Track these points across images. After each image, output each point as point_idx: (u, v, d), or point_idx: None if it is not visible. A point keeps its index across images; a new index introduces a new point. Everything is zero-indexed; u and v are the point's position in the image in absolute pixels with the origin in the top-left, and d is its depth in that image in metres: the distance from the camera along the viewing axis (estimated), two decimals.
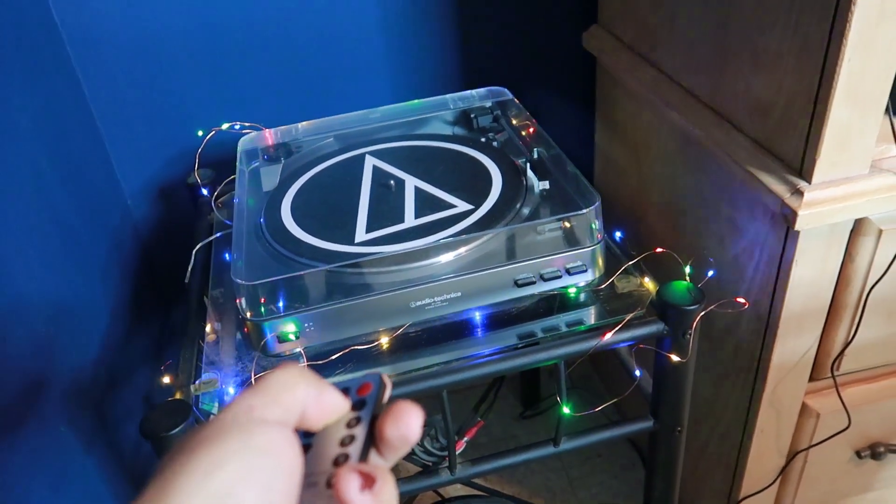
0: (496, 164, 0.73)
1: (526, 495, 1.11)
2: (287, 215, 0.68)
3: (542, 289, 0.62)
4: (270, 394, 0.29)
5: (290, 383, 0.29)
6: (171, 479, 0.25)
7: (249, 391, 0.29)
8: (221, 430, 0.27)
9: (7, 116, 0.67)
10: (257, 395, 0.29)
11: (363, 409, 0.30)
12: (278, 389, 0.29)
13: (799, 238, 0.62)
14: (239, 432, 0.27)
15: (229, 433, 0.27)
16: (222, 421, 0.27)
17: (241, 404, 0.28)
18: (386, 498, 0.27)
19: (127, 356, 0.88)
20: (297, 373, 0.30)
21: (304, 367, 0.30)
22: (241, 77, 0.93)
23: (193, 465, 0.25)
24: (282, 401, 0.29)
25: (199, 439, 0.26)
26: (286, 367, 0.30)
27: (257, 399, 0.28)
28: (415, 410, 0.29)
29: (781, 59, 0.60)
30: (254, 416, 0.28)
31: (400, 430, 0.29)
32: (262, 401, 0.28)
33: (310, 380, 0.30)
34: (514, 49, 1.01)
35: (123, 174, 0.97)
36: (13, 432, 0.60)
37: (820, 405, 0.75)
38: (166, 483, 0.25)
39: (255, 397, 0.28)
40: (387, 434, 0.29)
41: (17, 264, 0.64)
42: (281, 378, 0.29)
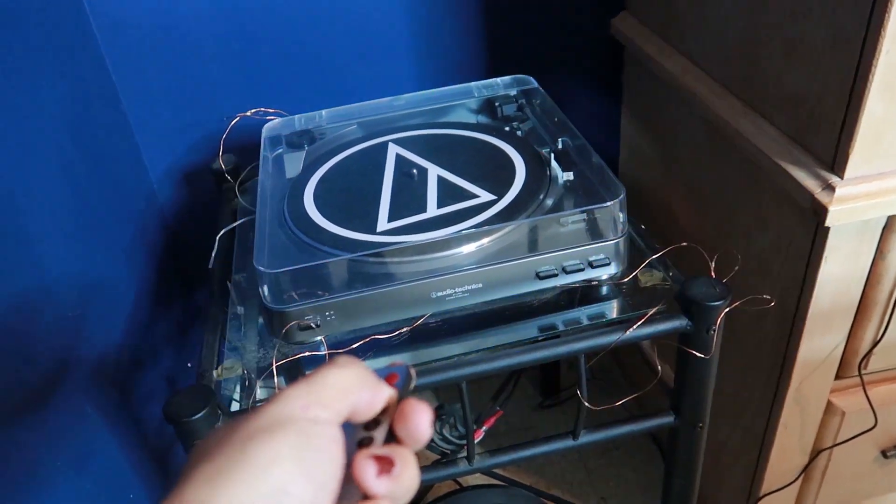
0: (520, 154, 0.72)
1: (543, 485, 1.11)
2: (310, 203, 0.68)
3: (564, 281, 0.61)
4: (327, 395, 0.28)
5: (347, 388, 0.29)
6: (225, 468, 0.25)
7: (305, 387, 0.28)
8: (277, 424, 0.27)
9: (36, 100, 0.68)
10: (313, 394, 0.28)
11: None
12: (336, 395, 0.28)
13: (829, 234, 0.60)
14: (296, 429, 0.26)
15: (286, 429, 0.26)
16: (277, 415, 0.27)
17: (297, 401, 0.28)
18: (405, 481, 0.27)
19: (151, 338, 0.89)
20: (356, 375, 0.29)
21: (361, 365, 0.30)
22: (266, 63, 0.93)
23: (250, 457, 0.25)
24: (337, 406, 0.28)
25: (251, 431, 0.26)
26: (344, 366, 0.29)
27: (313, 399, 0.28)
28: (423, 410, 0.29)
29: (815, 50, 0.58)
30: (308, 415, 0.27)
31: (409, 430, 0.29)
32: (317, 401, 0.28)
33: (366, 382, 0.29)
34: (540, 36, 0.99)
35: (150, 158, 0.97)
36: (39, 412, 0.61)
37: (846, 403, 0.74)
38: (220, 472, 0.25)
39: (310, 397, 0.28)
40: (397, 433, 0.29)
41: (44, 247, 0.65)
42: (340, 380, 0.29)
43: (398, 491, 0.27)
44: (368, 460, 0.27)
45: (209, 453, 0.26)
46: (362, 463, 0.27)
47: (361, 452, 0.28)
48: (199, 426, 0.53)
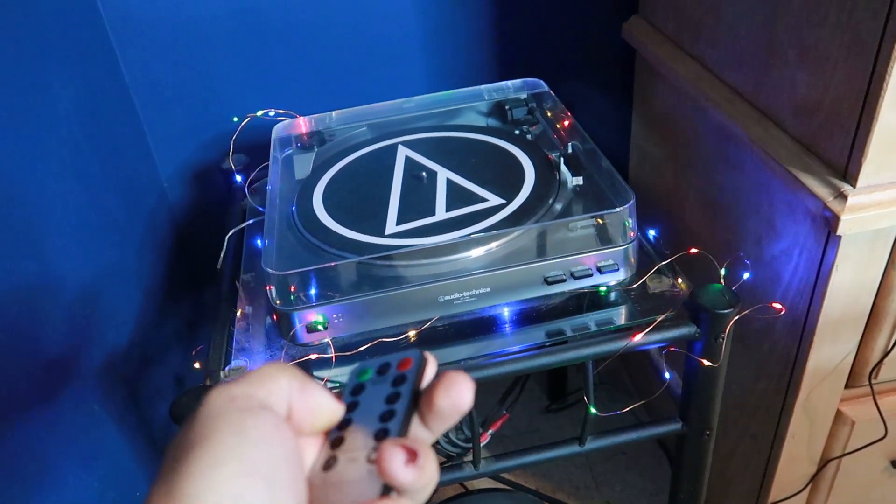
0: (529, 158, 0.72)
1: (549, 490, 1.11)
2: (319, 205, 0.68)
3: (573, 287, 0.61)
4: (251, 383, 0.28)
5: (270, 373, 0.28)
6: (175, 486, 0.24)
7: (228, 381, 0.28)
8: (208, 427, 0.26)
9: (49, 98, 0.69)
10: (238, 384, 0.28)
11: (403, 384, 0.29)
12: (258, 379, 0.28)
13: (840, 243, 0.60)
14: (229, 427, 0.26)
15: (218, 431, 0.26)
16: (206, 415, 0.26)
17: (220, 396, 0.27)
18: (429, 472, 0.26)
19: (159, 337, 0.90)
20: (279, 366, 0.29)
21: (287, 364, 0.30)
22: (276, 64, 0.93)
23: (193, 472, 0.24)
24: (262, 389, 0.28)
25: (191, 441, 0.25)
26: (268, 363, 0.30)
27: (238, 388, 0.27)
28: (466, 379, 0.28)
29: (830, 57, 0.58)
30: (236, 405, 0.27)
31: (452, 399, 0.28)
32: (242, 389, 0.27)
33: (291, 373, 0.29)
34: (551, 39, 0.99)
35: (160, 157, 0.98)
36: (49, 410, 0.62)
37: (855, 413, 0.73)
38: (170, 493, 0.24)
39: (234, 388, 0.28)
40: (438, 403, 0.28)
41: (55, 244, 0.66)
42: (261, 369, 0.29)
43: (421, 482, 0.26)
44: (397, 448, 0.26)
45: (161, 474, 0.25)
46: (391, 450, 0.26)
47: (388, 441, 0.27)
48: None
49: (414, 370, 0.29)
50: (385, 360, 0.31)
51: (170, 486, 0.24)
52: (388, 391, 0.29)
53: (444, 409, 0.28)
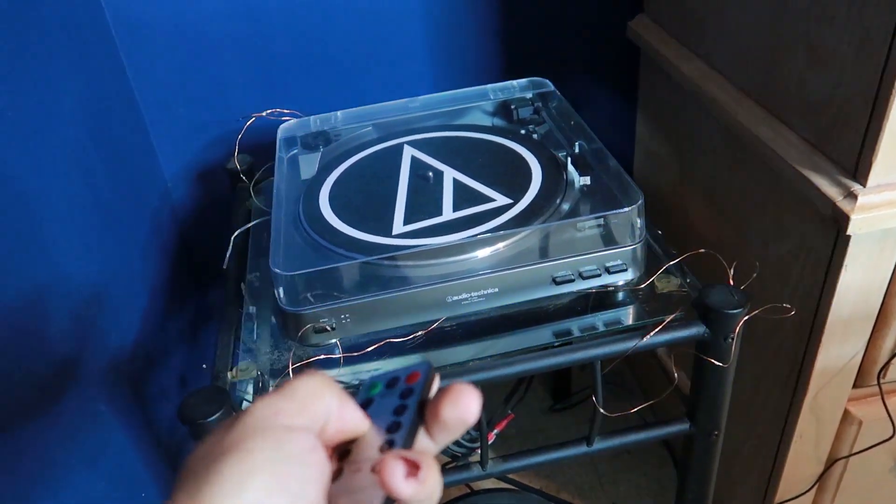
0: (536, 158, 0.71)
1: (553, 490, 1.11)
2: (325, 205, 0.68)
3: (581, 287, 0.61)
4: (297, 399, 0.28)
5: (317, 391, 0.29)
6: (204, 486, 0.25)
7: (274, 395, 0.28)
8: (248, 435, 0.26)
9: (53, 98, 0.68)
10: (283, 399, 0.28)
11: (410, 397, 0.29)
12: (305, 396, 0.28)
13: (850, 242, 0.60)
14: (267, 440, 0.26)
15: (259, 439, 0.26)
16: (247, 425, 0.27)
17: (267, 408, 0.28)
18: (430, 484, 0.27)
19: (163, 337, 0.90)
20: (324, 382, 0.29)
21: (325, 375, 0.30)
22: (281, 64, 0.93)
23: (224, 475, 0.25)
24: (308, 408, 0.28)
25: (226, 445, 0.26)
26: (313, 375, 0.30)
27: (284, 404, 0.28)
28: (473, 392, 0.28)
29: (839, 55, 0.57)
30: (280, 421, 0.27)
31: (458, 412, 0.28)
32: (288, 406, 0.28)
33: (335, 390, 0.29)
34: (556, 39, 0.99)
35: (164, 157, 0.98)
36: (55, 409, 0.61)
37: (863, 413, 0.73)
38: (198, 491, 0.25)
39: (281, 402, 0.28)
40: (444, 415, 0.28)
41: (60, 244, 0.66)
42: (308, 385, 0.29)
43: (423, 495, 0.27)
44: (398, 461, 0.26)
45: (190, 470, 0.26)
46: (391, 463, 0.26)
47: (390, 453, 0.27)
48: (214, 428, 0.53)
49: (421, 383, 0.30)
50: (394, 374, 0.31)
51: (199, 483, 0.25)
52: (395, 403, 0.30)
53: (449, 420, 0.29)
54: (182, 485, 0.25)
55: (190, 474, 0.26)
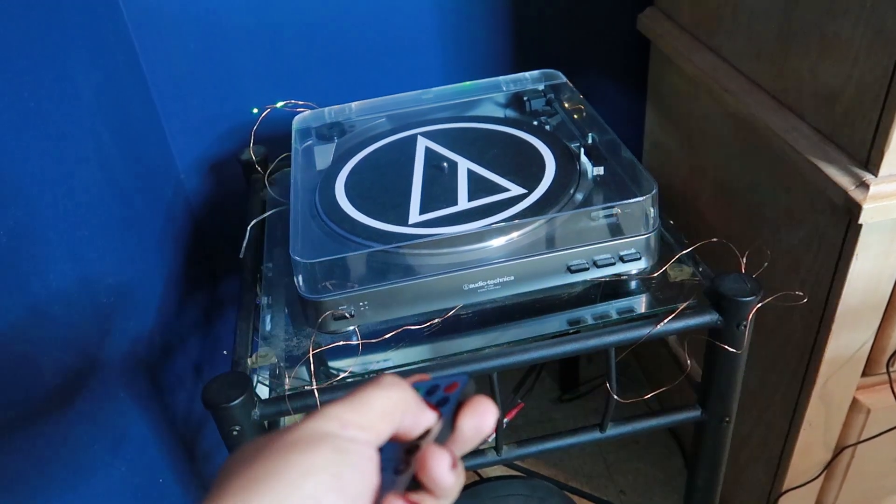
0: (549, 149, 0.72)
1: (562, 478, 1.12)
2: (341, 195, 0.69)
3: (595, 275, 0.61)
4: (367, 417, 0.28)
5: (390, 411, 0.29)
6: (262, 477, 0.25)
7: (347, 405, 0.28)
8: (315, 438, 0.27)
9: (72, 90, 0.69)
10: (353, 412, 0.28)
11: (445, 405, 0.30)
12: (377, 416, 0.28)
13: (861, 231, 0.60)
14: (333, 445, 0.27)
15: (323, 444, 0.26)
16: (314, 429, 0.27)
17: (336, 418, 0.28)
18: (463, 479, 0.28)
19: (179, 326, 0.91)
20: (400, 399, 0.29)
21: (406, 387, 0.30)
22: (294, 56, 0.93)
23: (288, 467, 0.25)
24: (377, 427, 0.28)
25: (290, 442, 0.26)
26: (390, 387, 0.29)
27: (353, 417, 0.28)
28: (491, 407, 0.30)
29: (852, 46, 0.58)
30: (347, 433, 0.27)
31: (476, 422, 0.29)
32: (356, 420, 0.28)
33: (410, 406, 0.29)
34: (567, 30, 0.99)
35: (177, 148, 0.99)
36: (78, 397, 0.63)
37: (871, 401, 0.74)
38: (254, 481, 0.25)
39: (351, 414, 0.28)
40: (462, 425, 0.29)
41: (81, 234, 0.67)
42: (383, 403, 0.29)
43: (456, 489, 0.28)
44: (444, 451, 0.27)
45: (245, 462, 0.26)
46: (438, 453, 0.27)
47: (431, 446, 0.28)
48: (236, 412, 0.54)
49: (457, 394, 0.31)
50: (435, 382, 0.32)
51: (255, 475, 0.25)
52: None
53: (466, 430, 0.30)
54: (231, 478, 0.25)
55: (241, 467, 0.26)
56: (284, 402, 0.56)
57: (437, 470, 0.27)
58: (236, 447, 0.56)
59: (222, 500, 0.24)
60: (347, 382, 0.58)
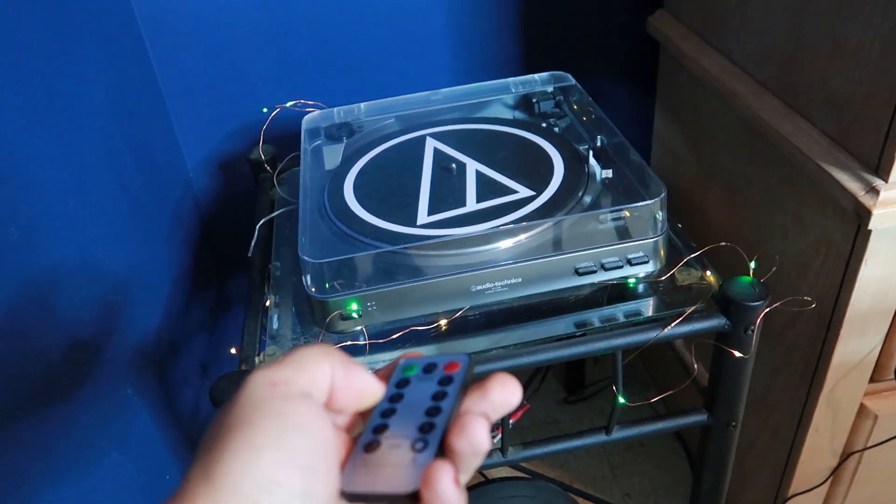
0: (558, 151, 0.72)
1: (567, 480, 1.12)
2: (350, 195, 0.69)
3: (603, 278, 0.61)
4: (293, 366, 0.28)
5: (315, 358, 0.29)
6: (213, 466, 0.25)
7: (271, 365, 0.28)
8: (250, 410, 0.26)
9: (84, 89, 0.70)
10: (279, 368, 0.28)
11: (450, 384, 0.30)
12: (302, 363, 0.28)
13: (870, 237, 0.60)
14: (270, 411, 0.26)
15: (259, 414, 0.26)
16: (247, 400, 0.27)
17: (262, 379, 0.27)
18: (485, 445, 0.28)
19: (186, 324, 0.91)
20: (323, 349, 0.29)
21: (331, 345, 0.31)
22: (305, 56, 0.94)
23: (232, 451, 0.25)
24: (306, 373, 0.28)
25: (231, 422, 0.26)
26: (312, 344, 0.30)
27: (280, 372, 0.28)
28: (516, 382, 0.30)
29: (863, 51, 0.58)
30: (278, 391, 0.27)
31: (505, 394, 0.30)
32: (284, 374, 0.28)
33: (336, 357, 0.29)
34: (577, 33, 0.99)
35: (187, 147, 0.99)
36: (85, 393, 0.63)
37: (879, 407, 0.74)
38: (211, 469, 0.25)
39: (277, 371, 0.28)
40: (493, 395, 0.30)
41: (90, 232, 0.67)
42: (306, 352, 0.29)
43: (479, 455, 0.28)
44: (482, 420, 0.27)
45: (203, 448, 0.26)
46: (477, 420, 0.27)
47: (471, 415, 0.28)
48: None
49: (462, 373, 0.31)
50: (432, 360, 0.32)
51: (207, 467, 0.25)
52: (434, 389, 0.31)
53: (496, 401, 0.30)
54: (197, 463, 0.25)
55: (203, 452, 0.26)
56: None
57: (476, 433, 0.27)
58: None
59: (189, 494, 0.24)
60: None
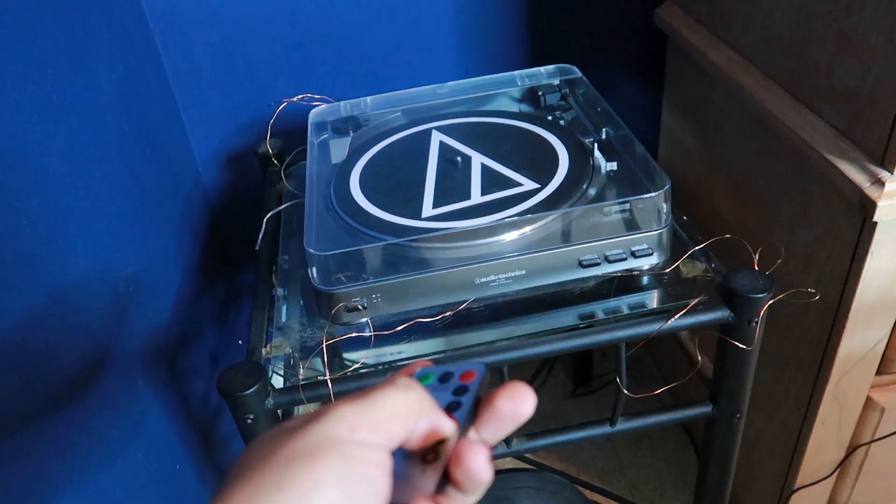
0: (563, 143, 0.72)
1: (574, 472, 1.13)
2: (356, 188, 0.70)
3: (607, 270, 0.62)
4: (378, 418, 0.27)
5: (404, 411, 0.27)
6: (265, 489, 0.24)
7: (357, 407, 0.27)
8: (323, 445, 0.26)
9: (94, 83, 0.71)
10: (363, 413, 0.27)
11: (464, 395, 0.30)
12: (389, 417, 0.27)
13: (876, 229, 0.60)
14: (340, 454, 0.25)
15: (330, 452, 0.25)
16: (322, 435, 0.26)
17: (345, 420, 0.26)
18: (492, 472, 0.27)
19: (195, 316, 0.92)
20: (415, 402, 0.28)
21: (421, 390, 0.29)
22: (312, 50, 0.94)
23: (291, 481, 0.24)
24: (391, 430, 0.27)
25: (295, 452, 0.25)
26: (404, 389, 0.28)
27: (363, 418, 0.27)
28: (530, 392, 0.29)
29: (870, 43, 0.58)
30: (356, 437, 0.26)
31: (516, 404, 0.29)
32: (367, 422, 0.27)
33: (425, 410, 0.28)
34: (584, 25, 0.99)
35: (196, 141, 1.00)
36: (97, 384, 0.64)
37: (885, 399, 0.74)
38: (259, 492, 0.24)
39: (360, 416, 0.27)
40: (501, 407, 0.29)
41: (102, 225, 0.68)
42: (396, 405, 0.27)
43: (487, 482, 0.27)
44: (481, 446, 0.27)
45: (252, 468, 0.25)
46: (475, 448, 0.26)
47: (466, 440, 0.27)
48: (251, 401, 0.55)
49: (477, 382, 0.30)
50: (448, 370, 0.31)
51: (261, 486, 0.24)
52: (449, 399, 0.30)
53: (506, 412, 0.29)
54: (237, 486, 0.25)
55: (247, 475, 0.25)
56: (298, 392, 0.57)
57: (475, 464, 0.26)
58: (251, 436, 0.58)
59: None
60: (360, 373, 0.59)
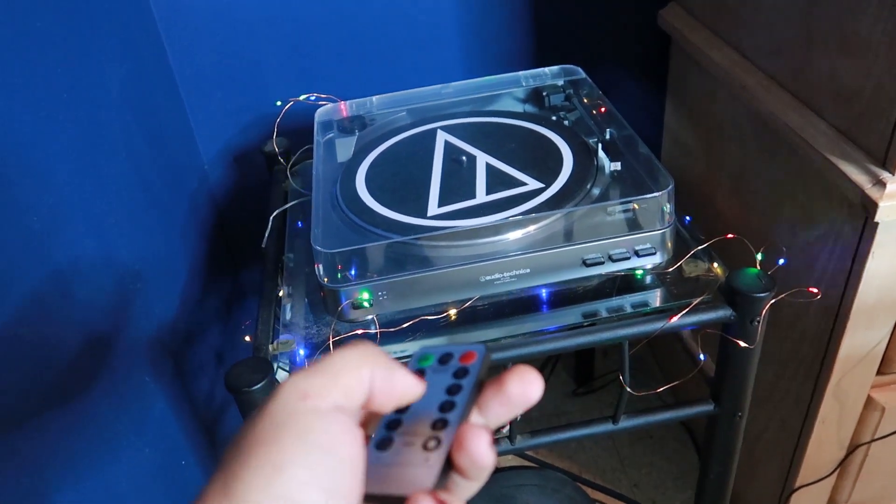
0: (567, 143, 0.73)
1: (576, 471, 1.13)
2: (361, 187, 0.70)
3: (611, 269, 0.62)
4: (329, 374, 0.27)
5: (353, 363, 0.27)
6: (234, 482, 0.24)
7: (304, 372, 0.27)
8: (275, 426, 0.25)
9: (101, 82, 0.71)
10: (314, 376, 0.26)
11: (465, 377, 0.29)
12: (338, 370, 0.27)
13: (877, 229, 0.61)
14: (295, 430, 0.25)
15: (284, 431, 0.25)
16: (274, 414, 0.25)
17: (293, 391, 0.26)
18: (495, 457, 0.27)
19: (201, 314, 0.93)
20: (363, 353, 0.28)
21: (374, 345, 0.28)
22: (318, 49, 0.95)
23: (253, 469, 0.24)
24: (341, 383, 0.27)
25: (256, 437, 0.25)
26: (352, 346, 0.28)
27: (314, 381, 0.26)
28: (539, 376, 0.29)
29: (872, 45, 0.58)
30: (308, 405, 0.26)
31: (525, 387, 0.28)
32: (318, 383, 0.26)
33: (378, 360, 0.28)
34: (588, 26, 1.00)
35: (202, 140, 1.00)
36: (104, 379, 0.65)
37: (886, 399, 0.74)
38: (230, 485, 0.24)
39: (310, 379, 0.26)
40: (511, 389, 0.28)
41: (109, 222, 0.69)
42: (344, 358, 0.27)
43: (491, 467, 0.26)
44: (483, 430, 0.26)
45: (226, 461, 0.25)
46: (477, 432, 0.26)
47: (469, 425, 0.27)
48: (258, 396, 0.56)
49: (477, 365, 0.30)
50: (448, 350, 0.31)
51: (227, 482, 0.24)
52: (449, 382, 0.30)
53: (514, 395, 0.28)
54: (217, 475, 0.25)
55: (224, 465, 0.25)
56: None
57: (478, 448, 0.25)
58: None
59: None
60: None
